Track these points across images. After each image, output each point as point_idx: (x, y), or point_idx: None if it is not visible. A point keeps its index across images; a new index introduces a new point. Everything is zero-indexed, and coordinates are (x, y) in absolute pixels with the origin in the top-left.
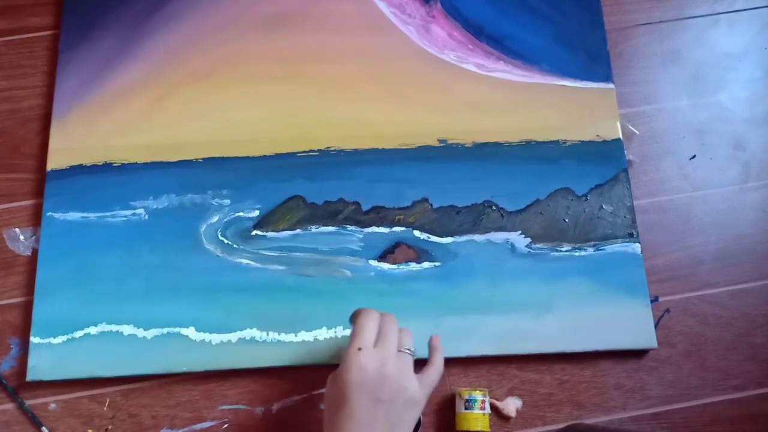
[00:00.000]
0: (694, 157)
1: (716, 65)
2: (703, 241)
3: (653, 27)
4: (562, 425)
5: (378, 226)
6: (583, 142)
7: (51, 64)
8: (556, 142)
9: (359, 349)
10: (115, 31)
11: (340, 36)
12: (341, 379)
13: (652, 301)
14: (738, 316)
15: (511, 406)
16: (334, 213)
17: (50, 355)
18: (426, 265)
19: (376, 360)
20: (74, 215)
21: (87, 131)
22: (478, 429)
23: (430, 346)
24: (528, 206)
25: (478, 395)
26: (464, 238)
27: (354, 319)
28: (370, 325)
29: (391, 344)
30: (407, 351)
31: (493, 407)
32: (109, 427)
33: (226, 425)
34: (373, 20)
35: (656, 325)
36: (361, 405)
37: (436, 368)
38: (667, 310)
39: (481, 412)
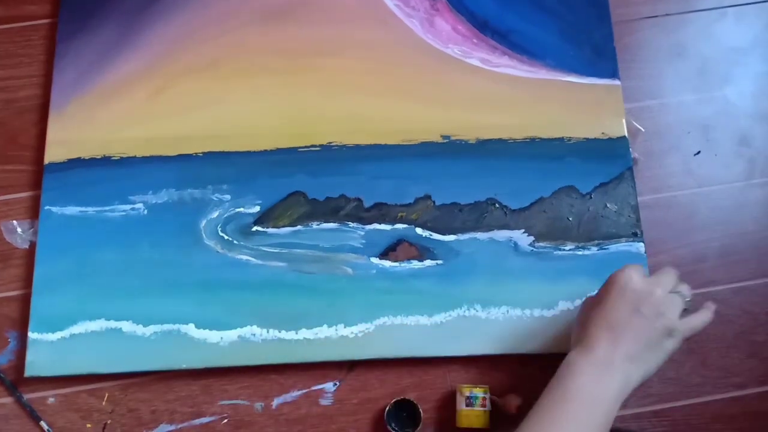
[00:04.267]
0: (698, 152)
1: (722, 59)
2: (707, 237)
3: (659, 20)
4: None
5: (380, 223)
6: (588, 139)
7: (48, 54)
8: (561, 139)
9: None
10: (114, 21)
11: (343, 29)
12: (608, 282)
13: None
14: (740, 314)
15: (512, 403)
16: (335, 209)
17: (48, 351)
18: (428, 262)
19: (648, 280)
20: (72, 209)
21: (85, 124)
22: (479, 426)
23: (704, 306)
24: (532, 204)
25: (479, 392)
26: (467, 235)
27: None
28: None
29: (666, 279)
30: (683, 294)
31: (494, 404)
32: (108, 422)
33: (225, 420)
34: (377, 13)
35: None
36: (619, 308)
37: (702, 315)
38: None
39: (482, 408)
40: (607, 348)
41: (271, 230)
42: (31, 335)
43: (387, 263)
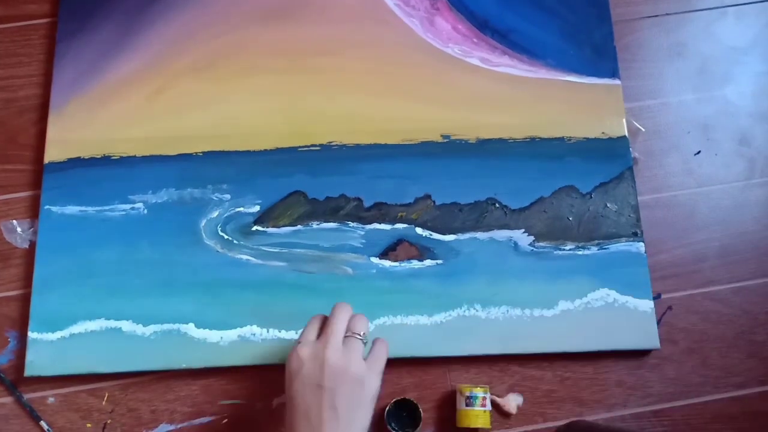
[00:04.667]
0: (699, 152)
1: (722, 59)
2: (707, 237)
3: (659, 19)
4: (563, 422)
5: (380, 223)
6: (588, 139)
7: (48, 53)
8: (561, 138)
9: (299, 342)
10: (114, 21)
11: (343, 28)
12: (286, 375)
13: (654, 299)
14: (740, 314)
15: (512, 402)
16: (335, 209)
17: (48, 350)
18: (428, 262)
19: (314, 349)
20: (72, 209)
21: (85, 123)
22: (479, 426)
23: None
24: (532, 204)
25: (479, 392)
26: (467, 235)
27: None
28: (315, 320)
29: (335, 332)
30: (357, 336)
31: (494, 404)
32: (108, 422)
33: (225, 420)
34: (377, 12)
35: (658, 323)
36: (303, 394)
37: (380, 346)
38: (670, 308)
39: (482, 408)
40: None
41: (271, 230)
42: (31, 335)
43: (387, 263)
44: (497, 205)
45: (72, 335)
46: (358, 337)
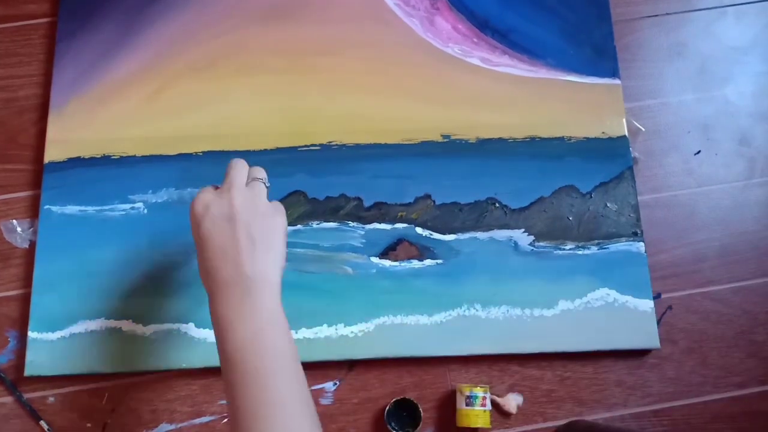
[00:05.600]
0: (698, 152)
1: (723, 59)
2: (707, 237)
3: (659, 19)
4: (562, 422)
5: (380, 223)
6: (588, 138)
7: (48, 53)
8: (561, 138)
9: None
10: (114, 21)
11: (343, 28)
12: (192, 221)
13: (654, 298)
14: (740, 314)
15: (512, 402)
16: (335, 209)
17: (48, 350)
18: (428, 262)
19: (218, 192)
20: (72, 209)
21: (85, 123)
22: (479, 425)
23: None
24: (532, 204)
25: (479, 392)
26: (467, 235)
27: None
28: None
29: (236, 178)
30: (258, 179)
31: (493, 403)
32: (108, 422)
33: (225, 420)
34: (377, 11)
35: (658, 322)
36: (215, 230)
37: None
38: (670, 307)
39: (482, 408)
40: (232, 269)
41: None
42: (31, 334)
43: (387, 263)
44: (497, 204)
45: (72, 335)
46: (261, 181)
